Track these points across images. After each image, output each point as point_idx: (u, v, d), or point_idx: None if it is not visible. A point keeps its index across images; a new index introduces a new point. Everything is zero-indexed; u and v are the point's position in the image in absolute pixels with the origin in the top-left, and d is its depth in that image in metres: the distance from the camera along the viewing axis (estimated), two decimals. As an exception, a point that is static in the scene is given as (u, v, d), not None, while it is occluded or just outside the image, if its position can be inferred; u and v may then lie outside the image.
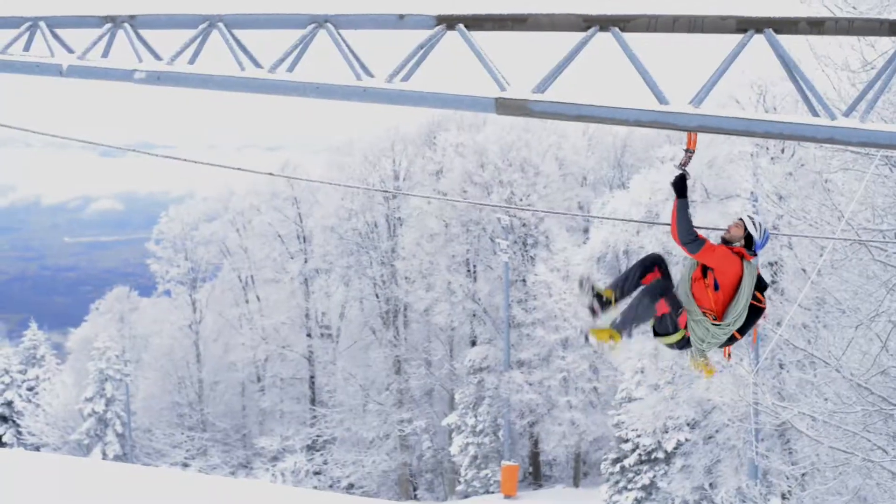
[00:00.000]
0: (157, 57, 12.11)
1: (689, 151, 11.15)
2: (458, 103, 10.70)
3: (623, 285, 11.90)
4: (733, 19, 9.79)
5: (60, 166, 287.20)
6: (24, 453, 52.68)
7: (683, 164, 11.24)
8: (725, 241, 11.61)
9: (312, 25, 11.17)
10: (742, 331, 11.80)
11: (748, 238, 11.55)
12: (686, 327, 11.58)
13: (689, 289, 11.59)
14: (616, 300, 11.83)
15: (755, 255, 11.61)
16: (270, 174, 19.11)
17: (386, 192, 66.38)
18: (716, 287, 11.50)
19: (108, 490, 32.87)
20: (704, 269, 11.52)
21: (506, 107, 10.33)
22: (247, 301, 75.29)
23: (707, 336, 11.61)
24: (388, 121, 73.63)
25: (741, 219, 11.63)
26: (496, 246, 60.52)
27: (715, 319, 11.61)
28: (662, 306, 11.50)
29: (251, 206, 75.34)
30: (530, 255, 62.72)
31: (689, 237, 11.26)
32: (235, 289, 75.99)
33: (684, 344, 11.80)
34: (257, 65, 11.62)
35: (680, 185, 11.38)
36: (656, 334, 11.86)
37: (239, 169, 15.87)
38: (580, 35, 10.20)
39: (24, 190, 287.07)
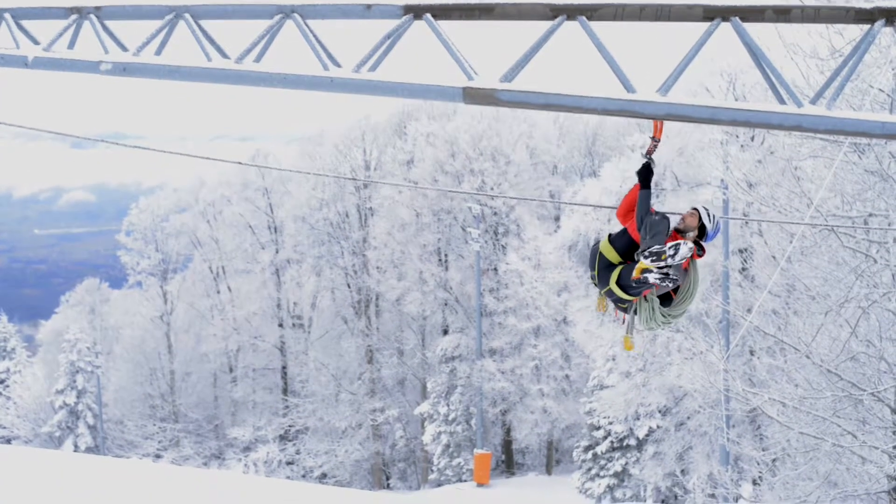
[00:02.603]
0: (124, 48, 12.05)
1: (655, 140, 11.15)
2: (425, 93, 10.69)
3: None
4: (700, 7, 9.80)
5: (32, 158, 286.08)
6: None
7: (649, 153, 11.22)
8: (679, 231, 11.53)
9: (279, 16, 11.14)
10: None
11: (701, 228, 11.51)
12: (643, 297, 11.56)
13: None
14: None
15: (703, 251, 11.60)
16: (240, 163, 19.10)
17: (356, 180, 66.32)
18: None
19: (80, 482, 32.76)
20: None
21: (473, 96, 10.33)
22: (218, 292, 75.18)
23: (653, 316, 11.61)
24: (359, 111, 73.68)
25: (695, 208, 11.55)
26: (467, 235, 60.55)
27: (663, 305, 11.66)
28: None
29: (222, 197, 75.23)
30: (501, 243, 62.76)
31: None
32: (206, 280, 75.87)
33: (626, 307, 11.80)
34: (224, 55, 11.58)
35: (644, 174, 11.33)
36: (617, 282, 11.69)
37: (209, 158, 15.84)
38: (548, 24, 10.20)
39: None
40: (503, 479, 62.17)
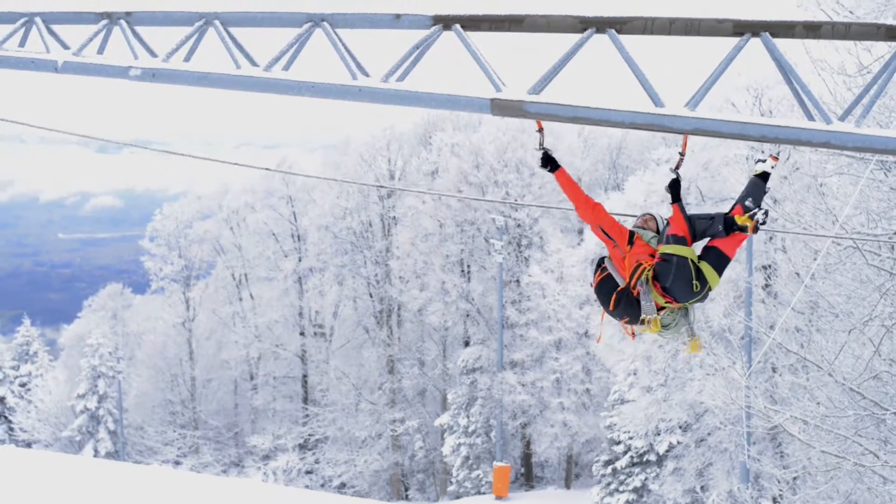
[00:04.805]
0: (153, 54, 12.08)
1: (681, 154, 11.19)
2: (453, 104, 10.68)
3: None
4: (730, 22, 9.78)
5: (58, 163, 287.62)
6: (16, 450, 52.65)
7: (677, 167, 11.26)
8: (640, 230, 11.80)
9: (309, 24, 11.15)
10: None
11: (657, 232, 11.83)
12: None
13: None
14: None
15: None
16: (268, 169, 19.18)
17: (382, 186, 66.37)
18: None
19: (99, 488, 32.86)
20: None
21: (501, 108, 10.32)
22: (240, 299, 75.32)
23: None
24: (384, 120, 73.63)
25: (650, 214, 11.91)
26: (490, 246, 60.51)
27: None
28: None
29: (246, 205, 75.38)
30: (524, 255, 62.71)
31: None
32: (229, 287, 76.01)
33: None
34: (253, 63, 11.60)
35: (674, 189, 11.40)
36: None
37: (237, 164, 15.87)
38: (577, 37, 10.18)
39: (21, 186, 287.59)
40: (522, 492, 62.06)
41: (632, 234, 11.66)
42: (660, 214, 12.06)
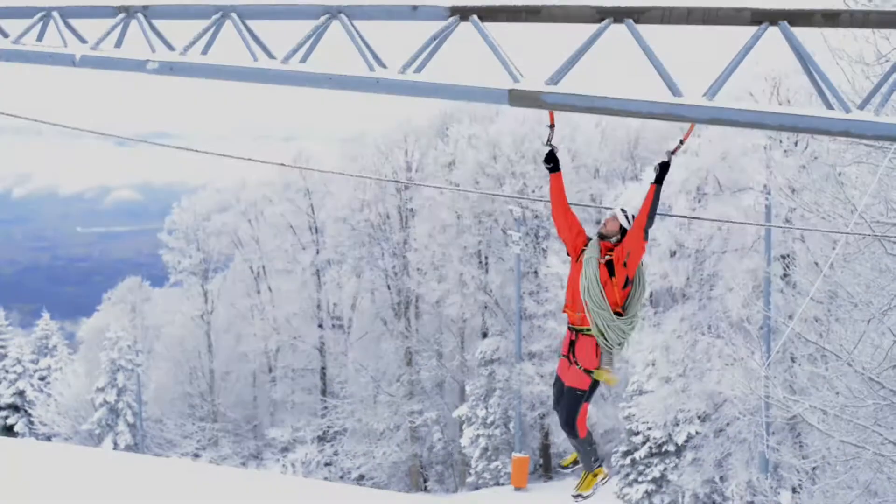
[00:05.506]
0: (170, 47, 12.08)
1: (681, 141, 11.35)
2: (470, 95, 10.66)
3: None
4: (748, 11, 9.73)
5: (76, 156, 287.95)
6: (35, 443, 52.83)
7: (673, 152, 11.45)
8: (603, 237, 12.00)
9: (326, 16, 11.13)
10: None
11: (623, 231, 11.95)
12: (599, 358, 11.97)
13: (602, 293, 11.79)
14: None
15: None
16: (282, 164, 19.19)
17: (398, 181, 66.42)
18: (625, 284, 11.94)
19: (118, 481, 32.92)
20: (611, 269, 11.83)
21: (519, 98, 10.29)
22: (258, 292, 75.39)
23: (621, 335, 11.95)
24: (401, 112, 73.75)
25: (615, 214, 12.06)
26: (508, 238, 60.47)
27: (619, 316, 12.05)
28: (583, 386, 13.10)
29: (263, 197, 75.44)
30: (542, 246, 62.64)
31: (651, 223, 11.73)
32: (247, 279, 76.09)
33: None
34: (270, 55, 11.59)
35: (661, 170, 11.75)
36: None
37: (251, 160, 15.87)
38: (594, 27, 10.15)
39: (40, 180, 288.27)
40: (541, 482, 62.07)
41: (590, 241, 11.90)
42: (624, 211, 12.26)
